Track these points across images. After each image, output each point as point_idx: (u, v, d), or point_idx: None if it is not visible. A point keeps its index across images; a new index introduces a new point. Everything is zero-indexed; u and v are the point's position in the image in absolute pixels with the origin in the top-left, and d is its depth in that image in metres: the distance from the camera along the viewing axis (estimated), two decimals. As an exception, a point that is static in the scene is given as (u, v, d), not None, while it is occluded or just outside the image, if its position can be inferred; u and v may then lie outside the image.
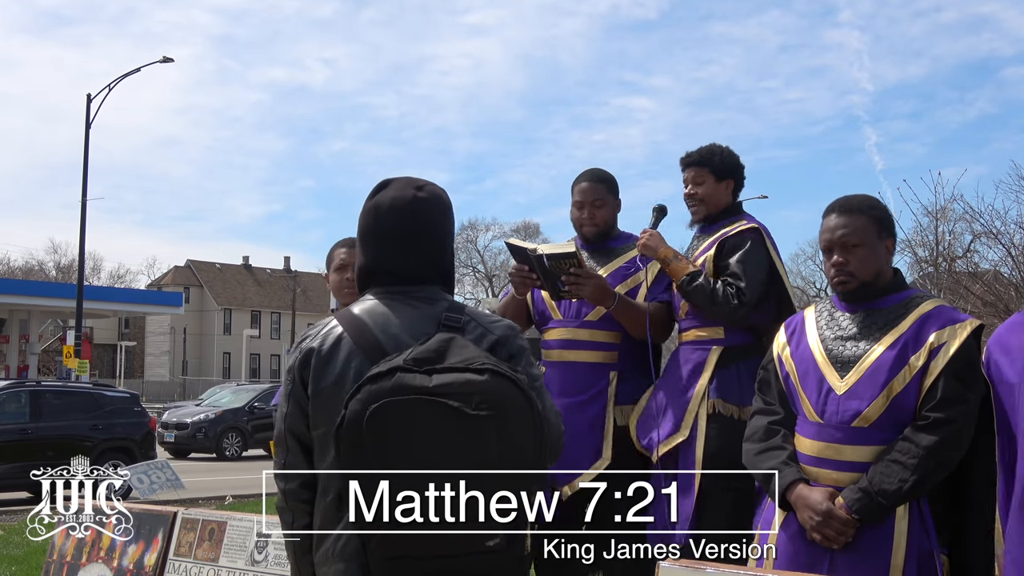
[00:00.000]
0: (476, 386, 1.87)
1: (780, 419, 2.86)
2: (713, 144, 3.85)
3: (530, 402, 1.90)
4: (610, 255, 3.95)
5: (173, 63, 27.08)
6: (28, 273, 56.86)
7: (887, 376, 2.66)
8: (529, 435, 1.88)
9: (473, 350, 1.98)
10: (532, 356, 2.19)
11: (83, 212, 26.75)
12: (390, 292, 2.20)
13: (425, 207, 2.21)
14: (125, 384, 41.77)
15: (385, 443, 1.89)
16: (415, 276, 2.21)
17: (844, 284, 2.80)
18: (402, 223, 2.19)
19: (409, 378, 1.90)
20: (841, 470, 2.68)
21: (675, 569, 2.29)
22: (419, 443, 1.87)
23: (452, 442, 1.85)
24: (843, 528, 2.61)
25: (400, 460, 1.88)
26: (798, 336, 2.90)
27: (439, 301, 2.18)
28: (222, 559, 3.45)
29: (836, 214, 2.82)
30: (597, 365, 3.84)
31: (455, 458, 1.85)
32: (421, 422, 1.87)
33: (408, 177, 2.28)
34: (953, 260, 17.93)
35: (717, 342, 3.62)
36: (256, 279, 69.51)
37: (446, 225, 2.26)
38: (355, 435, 1.90)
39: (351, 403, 1.93)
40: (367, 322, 2.15)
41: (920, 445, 2.57)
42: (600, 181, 3.95)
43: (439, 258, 2.24)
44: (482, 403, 1.86)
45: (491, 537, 1.85)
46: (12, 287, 36.11)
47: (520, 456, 1.87)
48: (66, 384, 15.96)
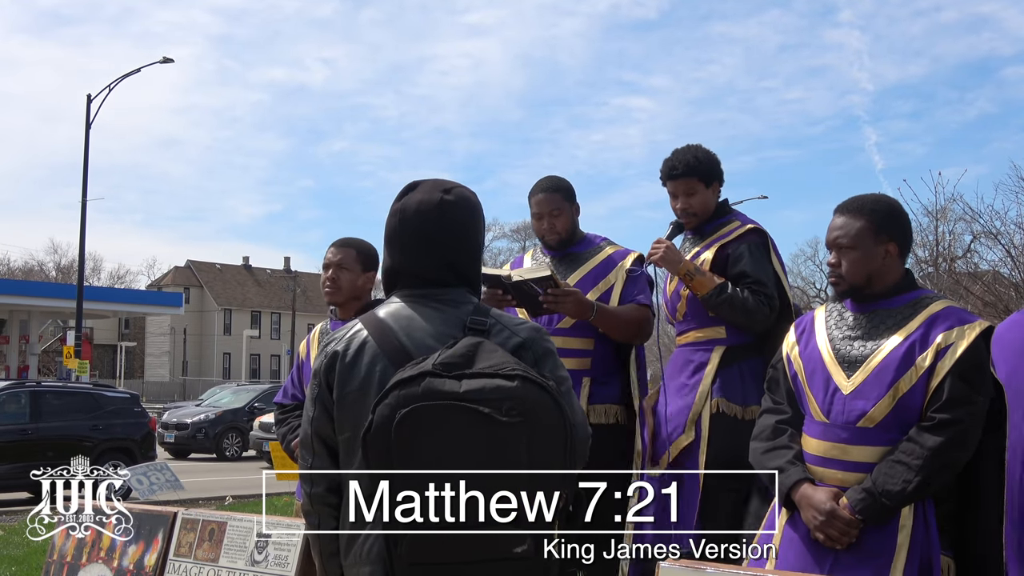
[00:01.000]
0: (507, 392, 1.87)
1: (788, 418, 2.85)
2: (691, 149, 3.79)
3: (560, 408, 1.89)
4: (577, 261, 3.95)
5: (173, 63, 27.11)
6: (28, 273, 56.88)
7: (894, 376, 2.65)
8: (559, 441, 1.88)
9: (502, 355, 1.97)
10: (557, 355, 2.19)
11: (83, 212, 26.78)
12: (414, 295, 2.20)
13: (452, 210, 2.20)
14: (125, 384, 41.77)
15: (413, 448, 1.88)
16: (440, 279, 2.20)
17: (835, 285, 2.83)
18: (428, 227, 2.19)
19: (439, 383, 1.90)
20: (847, 470, 2.67)
21: (675, 569, 2.29)
22: (448, 448, 1.86)
23: (482, 448, 1.85)
24: (846, 528, 2.60)
25: (429, 465, 1.87)
26: (807, 335, 2.89)
27: (464, 304, 2.17)
28: (222, 559, 3.45)
29: (838, 214, 2.83)
30: (570, 372, 3.84)
31: (484, 464, 1.85)
32: (451, 428, 1.86)
33: (437, 180, 2.27)
34: (953, 260, 17.93)
35: (719, 342, 3.64)
36: (256, 279, 69.51)
37: (474, 228, 2.24)
38: (383, 440, 1.89)
39: (379, 408, 1.91)
40: (391, 325, 2.15)
41: (925, 446, 2.56)
42: (555, 190, 3.92)
43: (466, 261, 2.23)
44: (512, 409, 1.85)
45: (519, 543, 1.84)
46: (12, 287, 36.13)
47: (549, 462, 1.87)
48: (66, 384, 15.94)
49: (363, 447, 1.94)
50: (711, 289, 3.56)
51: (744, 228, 3.69)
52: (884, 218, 2.79)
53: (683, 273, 3.62)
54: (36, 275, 56.81)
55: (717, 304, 3.56)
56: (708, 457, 3.48)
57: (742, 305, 3.53)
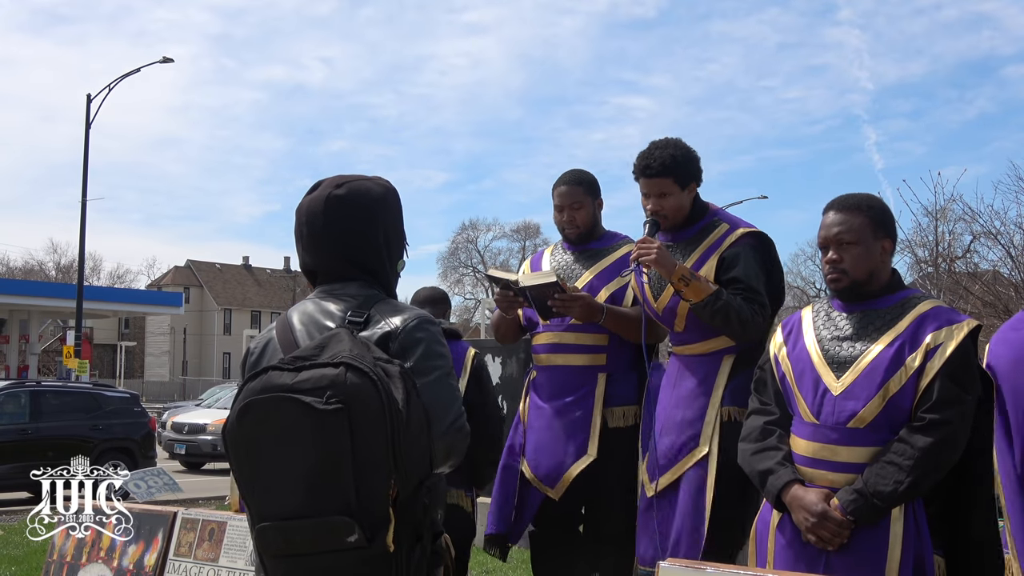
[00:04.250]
0: (329, 379, 1.88)
1: (776, 419, 2.85)
2: (668, 144, 3.55)
3: (380, 394, 1.88)
4: (595, 257, 3.93)
5: (173, 63, 27.09)
6: (28, 273, 56.87)
7: (883, 377, 2.65)
8: (381, 427, 1.87)
9: (348, 344, 1.98)
10: (439, 343, 2.13)
11: (83, 212, 26.77)
12: (321, 291, 2.26)
13: (339, 206, 2.23)
14: (125, 384, 41.75)
15: (253, 441, 1.92)
16: (342, 274, 2.25)
17: (836, 282, 2.79)
18: (316, 224, 2.24)
19: (276, 376, 1.93)
20: (836, 471, 2.67)
21: (675, 569, 2.29)
22: (281, 439, 1.89)
23: (308, 437, 1.87)
24: (838, 530, 2.60)
25: (267, 456, 1.91)
26: (795, 336, 2.89)
27: (357, 297, 2.21)
28: (222, 559, 3.46)
29: (834, 211, 2.81)
30: (585, 368, 3.82)
31: (313, 452, 1.86)
32: (280, 418, 1.89)
33: (338, 176, 2.31)
34: (953, 260, 17.94)
35: (728, 351, 3.51)
36: (256, 279, 69.52)
37: (369, 220, 2.25)
38: (230, 435, 1.95)
39: (234, 403, 1.98)
40: (294, 323, 2.22)
41: (915, 446, 2.56)
42: (578, 183, 3.91)
43: (365, 253, 2.26)
44: (332, 397, 1.86)
45: (348, 532, 1.85)
46: (12, 287, 36.09)
47: (373, 448, 1.86)
48: (66, 384, 15.91)
49: (223, 443, 2.00)
50: (706, 296, 3.34)
51: (737, 233, 3.52)
52: (880, 215, 2.81)
53: (677, 278, 3.36)
54: (36, 275, 56.78)
55: (712, 313, 3.35)
56: (719, 464, 3.37)
57: (737, 315, 3.34)
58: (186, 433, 17.82)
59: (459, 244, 63.57)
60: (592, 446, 3.73)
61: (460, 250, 63.43)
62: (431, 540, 2.02)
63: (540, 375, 3.95)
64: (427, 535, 2.00)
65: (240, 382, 2.11)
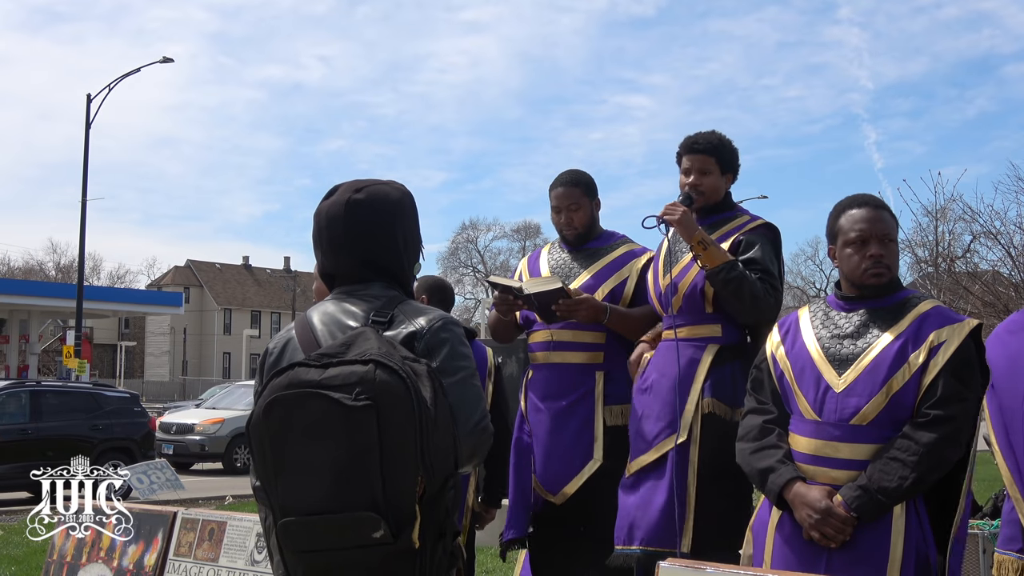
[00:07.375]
0: (358, 376, 1.90)
1: (774, 418, 2.85)
2: (716, 132, 3.72)
3: (410, 392, 1.90)
4: (593, 257, 3.93)
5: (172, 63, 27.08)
6: (28, 273, 56.89)
7: (887, 373, 2.65)
8: (410, 424, 1.88)
9: (374, 343, 2.00)
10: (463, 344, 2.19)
11: (83, 212, 26.78)
12: (341, 293, 2.30)
13: (359, 210, 2.27)
14: (125, 384, 41.76)
15: (279, 436, 1.93)
16: (361, 276, 2.28)
17: (879, 276, 2.76)
18: (337, 229, 2.28)
19: (303, 372, 1.95)
20: (838, 468, 2.67)
21: (675, 569, 2.29)
22: (308, 434, 1.91)
23: (339, 432, 1.88)
24: (842, 526, 2.60)
25: (293, 452, 1.92)
26: (793, 335, 2.89)
27: (380, 298, 2.24)
28: (222, 559, 3.46)
29: (868, 208, 2.80)
30: (582, 366, 3.82)
31: (341, 448, 1.88)
32: (308, 413, 1.90)
33: (355, 180, 2.34)
34: (953, 260, 17.96)
35: (713, 340, 3.53)
36: (256, 279, 69.53)
37: (387, 224, 2.29)
38: (256, 429, 1.96)
39: (258, 399, 1.99)
40: (315, 323, 2.25)
41: (920, 442, 2.57)
42: (575, 184, 3.91)
43: (383, 258, 2.29)
44: (361, 393, 1.88)
45: (375, 528, 1.86)
46: (12, 287, 36.09)
47: (401, 446, 1.88)
48: (66, 384, 15.96)
49: (247, 438, 2.01)
50: (722, 263, 3.38)
51: (757, 222, 3.62)
52: (893, 215, 2.85)
53: (696, 241, 3.40)
54: (36, 275, 56.80)
55: (725, 280, 3.37)
56: (700, 459, 3.39)
57: (750, 288, 3.37)
58: (174, 433, 17.83)
59: (459, 244, 63.64)
60: (597, 450, 3.73)
61: (460, 250, 63.49)
62: (452, 539, 2.03)
63: (537, 373, 3.94)
64: (449, 533, 2.01)
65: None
